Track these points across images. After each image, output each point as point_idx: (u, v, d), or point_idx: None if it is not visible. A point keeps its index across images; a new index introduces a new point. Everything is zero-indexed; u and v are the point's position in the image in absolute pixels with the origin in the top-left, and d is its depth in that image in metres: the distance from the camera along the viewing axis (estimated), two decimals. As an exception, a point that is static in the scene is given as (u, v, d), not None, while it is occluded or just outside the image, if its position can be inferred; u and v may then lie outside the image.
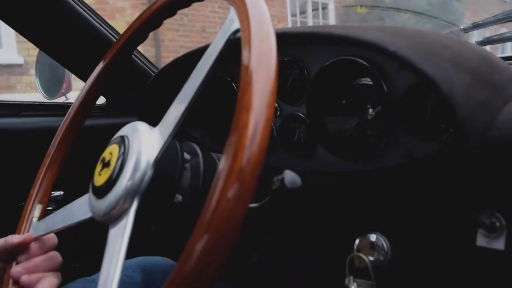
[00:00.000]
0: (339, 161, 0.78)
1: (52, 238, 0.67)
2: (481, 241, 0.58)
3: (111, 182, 0.52)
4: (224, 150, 0.41)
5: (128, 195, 0.50)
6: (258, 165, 0.40)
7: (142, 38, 0.71)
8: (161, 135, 0.53)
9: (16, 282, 0.62)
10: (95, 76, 0.73)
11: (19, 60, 6.06)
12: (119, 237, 0.50)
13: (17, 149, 1.09)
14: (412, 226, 0.66)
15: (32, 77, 6.17)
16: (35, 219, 0.69)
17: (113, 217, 0.51)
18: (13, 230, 0.96)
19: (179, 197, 0.57)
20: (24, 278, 0.61)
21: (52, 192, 1.18)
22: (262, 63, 0.43)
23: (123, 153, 0.53)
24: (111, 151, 0.55)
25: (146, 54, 1.28)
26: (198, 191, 0.58)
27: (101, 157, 0.56)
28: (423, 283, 0.64)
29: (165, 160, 0.55)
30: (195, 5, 0.66)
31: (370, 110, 0.75)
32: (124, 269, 0.90)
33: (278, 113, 0.88)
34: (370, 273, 0.62)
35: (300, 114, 0.84)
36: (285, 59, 0.83)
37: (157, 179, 0.52)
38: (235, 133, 0.40)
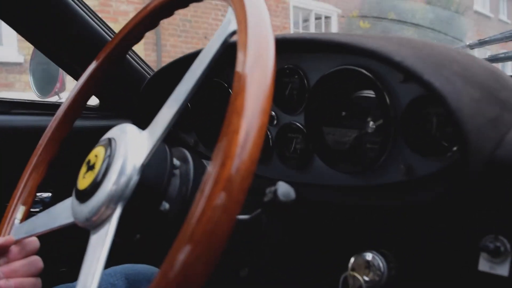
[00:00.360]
0: (337, 175, 0.75)
1: (34, 242, 0.65)
2: (484, 266, 0.55)
3: (95, 186, 0.50)
4: (212, 157, 0.39)
5: (112, 201, 0.48)
6: (248, 175, 0.37)
7: (137, 38, 0.69)
8: (149, 139, 0.50)
9: None
10: (87, 76, 0.71)
11: (19, 59, 6.07)
12: (99, 245, 0.48)
13: (5, 147, 1.06)
14: (410, 248, 0.63)
15: None
16: (17, 221, 0.66)
17: (95, 223, 0.49)
18: None
19: (166, 205, 0.54)
20: (1, 283, 0.59)
21: (40, 194, 1.16)
22: (257, 66, 0.41)
23: (109, 156, 0.50)
24: (97, 154, 0.53)
25: (147, 59, 1.26)
26: (186, 199, 0.55)
27: (86, 160, 0.54)
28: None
29: (153, 166, 0.53)
30: (198, 12, 0.65)
31: (371, 123, 0.72)
32: (109, 276, 0.89)
33: (275, 122, 0.85)
34: (365, 295, 0.58)
35: (297, 124, 0.81)
36: (285, 67, 0.81)
37: (143, 185, 0.50)
38: (224, 138, 0.38)
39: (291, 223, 0.74)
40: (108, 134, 0.55)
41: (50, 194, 1.14)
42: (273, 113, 0.85)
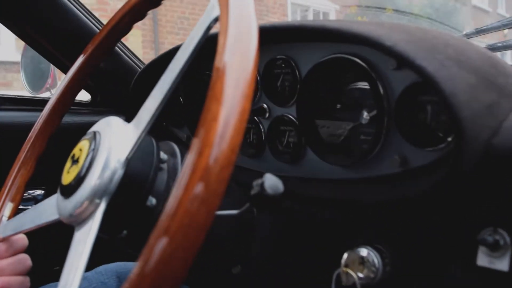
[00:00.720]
0: (330, 168, 0.72)
1: (22, 240, 0.64)
2: (483, 260, 0.52)
3: (79, 180, 0.48)
4: (191, 147, 0.36)
5: (96, 195, 0.47)
6: (227, 165, 0.35)
7: (125, 30, 0.67)
8: (134, 132, 0.49)
9: None
10: (75, 69, 0.69)
11: (17, 58, 6.07)
12: (82, 242, 0.47)
13: None
14: (406, 243, 0.60)
15: None
16: (4, 218, 0.65)
17: (79, 219, 0.48)
18: None
19: (152, 200, 0.52)
20: None
21: (33, 191, 1.14)
22: (238, 50, 0.38)
23: (93, 149, 0.49)
24: (81, 148, 0.51)
25: (145, 57, 1.24)
26: None
27: (71, 154, 0.53)
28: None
29: (139, 159, 0.51)
30: (196, 9, 0.62)
31: (365, 114, 0.70)
32: (99, 275, 0.87)
33: (267, 114, 0.82)
34: (358, 292, 0.55)
35: (290, 116, 0.78)
36: (276, 57, 0.78)
37: (128, 179, 0.49)
38: (202, 127, 0.35)
39: (283, 218, 0.72)
40: (94, 128, 0.53)
41: (42, 192, 1.13)
42: (265, 105, 0.82)
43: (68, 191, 0.49)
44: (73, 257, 0.47)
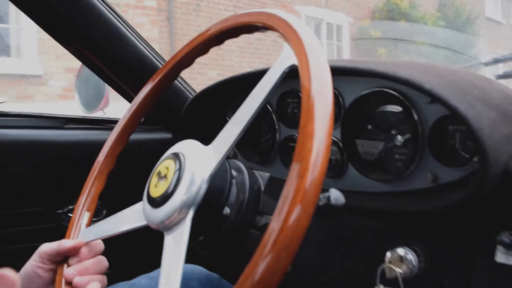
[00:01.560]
0: (369, 182, 0.85)
1: (100, 244, 0.72)
2: (500, 258, 0.65)
3: (168, 194, 0.56)
4: (289, 174, 0.46)
5: (184, 206, 0.55)
6: (319, 188, 0.45)
7: (188, 64, 0.75)
8: (214, 153, 0.58)
9: (69, 283, 0.67)
10: (143, 96, 0.77)
11: (39, 71, 6.17)
12: (177, 244, 0.55)
13: (59, 159, 1.15)
14: (436, 244, 0.73)
15: (49, 88, 6.31)
16: (83, 226, 0.73)
17: (169, 225, 0.56)
18: (50, 235, 1.03)
19: (227, 210, 0.61)
20: (77, 280, 0.66)
21: None
22: (321, 97, 0.49)
23: (179, 168, 0.57)
24: (167, 166, 0.59)
25: (162, 52, 1.31)
26: (243, 205, 0.63)
27: (156, 171, 0.61)
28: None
29: (217, 176, 0.60)
30: (212, 23, 0.70)
31: (399, 136, 0.83)
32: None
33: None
34: (400, 283, 0.69)
35: (334, 137, 0.92)
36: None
37: (210, 192, 0.57)
38: (300, 157, 0.45)
39: (330, 224, 0.84)
40: (174, 149, 0.62)
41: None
42: (310, 128, 0.96)
43: (158, 202, 0.57)
44: (169, 257, 0.54)
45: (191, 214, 0.55)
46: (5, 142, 1.10)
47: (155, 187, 0.59)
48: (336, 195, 0.58)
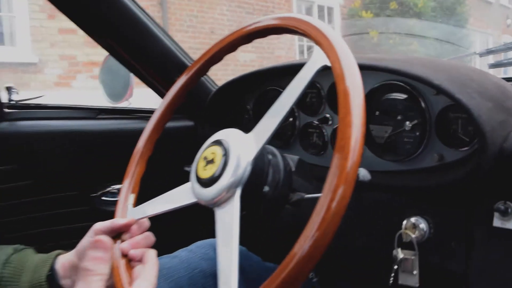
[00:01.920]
0: (382, 163, 0.98)
1: (146, 222, 0.78)
2: (497, 222, 0.79)
3: (217, 176, 0.63)
4: (332, 159, 0.54)
5: (232, 186, 0.62)
6: (356, 169, 0.52)
7: (217, 60, 0.81)
8: (255, 140, 0.65)
9: (125, 255, 0.72)
10: (178, 88, 0.84)
11: (34, 59, 6.17)
12: (229, 217, 0.61)
13: (93, 148, 1.25)
14: (443, 213, 0.87)
15: (45, 76, 6.32)
16: (130, 206, 0.79)
17: (219, 202, 0.63)
18: (84, 217, 1.13)
19: (266, 188, 0.68)
20: (132, 252, 0.73)
21: (114, 185, 1.34)
22: (355, 94, 0.57)
23: (225, 154, 0.64)
24: (213, 152, 0.66)
25: None
26: (279, 184, 0.70)
27: (202, 156, 0.68)
28: (453, 254, 0.85)
29: (258, 159, 0.66)
30: (204, 7, 0.78)
31: (407, 122, 0.96)
32: (200, 248, 1.05)
33: (330, 122, 1.08)
34: (415, 246, 0.83)
35: (350, 124, 1.04)
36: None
37: (253, 174, 0.64)
38: (341, 143, 0.54)
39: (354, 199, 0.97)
40: (216, 136, 0.69)
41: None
42: (327, 115, 1.09)
43: (207, 183, 0.64)
44: (223, 231, 0.60)
45: (238, 192, 0.62)
46: (46, 132, 1.20)
47: (204, 170, 0.66)
48: (363, 173, 0.68)
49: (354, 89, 0.58)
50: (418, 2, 10.09)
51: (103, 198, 1.28)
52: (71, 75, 6.63)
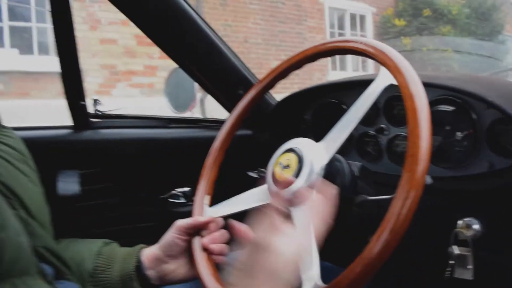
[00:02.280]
0: (435, 169, 1.07)
1: (221, 220, 0.84)
2: None
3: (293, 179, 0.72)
4: (404, 166, 0.61)
5: (307, 188, 0.70)
6: (425, 176, 0.60)
7: (284, 76, 0.89)
8: (326, 149, 0.74)
9: (205, 249, 0.80)
10: (247, 102, 0.93)
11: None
12: (307, 216, 0.67)
13: (164, 154, 1.37)
14: (493, 213, 0.96)
15: (87, 84, 6.42)
16: (206, 206, 0.87)
17: (296, 202, 0.69)
18: (154, 217, 1.23)
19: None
20: (213, 246, 0.81)
21: (179, 189, 1.46)
22: (421, 109, 0.67)
23: (300, 160, 0.73)
24: (288, 158, 0.74)
25: None
26: (346, 186, 0.79)
27: (277, 161, 0.76)
28: (504, 250, 0.94)
29: (328, 165, 0.75)
30: (238, 16, 0.88)
31: (458, 133, 1.05)
32: None
33: (385, 132, 1.17)
34: (469, 243, 0.93)
35: (403, 133, 1.14)
36: (394, 94, 1.12)
37: (324, 178, 0.73)
38: (412, 152, 0.63)
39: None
40: (288, 145, 0.77)
41: (189, 189, 1.40)
42: (383, 125, 1.18)
43: (285, 185, 0.71)
44: (301, 225, 0.66)
45: (313, 193, 0.70)
46: (124, 139, 1.34)
47: (281, 174, 0.74)
48: (427, 178, 0.76)
49: (420, 105, 0.67)
50: (453, 9, 9.97)
51: (171, 200, 1.39)
52: (111, 83, 6.88)
